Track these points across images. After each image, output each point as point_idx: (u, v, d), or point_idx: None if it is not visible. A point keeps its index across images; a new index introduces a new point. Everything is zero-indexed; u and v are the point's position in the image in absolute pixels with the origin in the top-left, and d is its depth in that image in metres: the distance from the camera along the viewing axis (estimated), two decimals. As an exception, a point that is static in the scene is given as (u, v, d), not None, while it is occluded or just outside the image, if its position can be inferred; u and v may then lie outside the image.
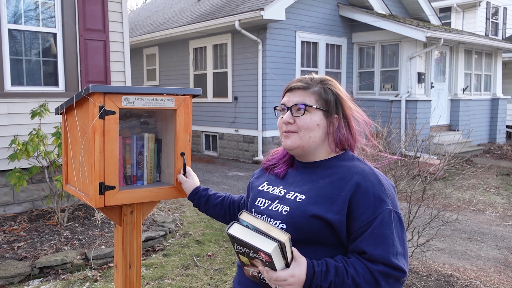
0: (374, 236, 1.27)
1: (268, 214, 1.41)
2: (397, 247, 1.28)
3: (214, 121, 10.93)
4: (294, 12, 9.77)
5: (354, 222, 1.29)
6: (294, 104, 1.41)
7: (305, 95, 1.42)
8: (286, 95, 1.46)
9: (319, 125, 1.40)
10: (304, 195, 1.37)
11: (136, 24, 14.59)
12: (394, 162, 4.05)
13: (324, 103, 1.42)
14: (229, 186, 7.57)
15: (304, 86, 1.43)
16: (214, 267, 4.04)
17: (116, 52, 5.96)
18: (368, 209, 1.29)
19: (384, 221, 1.28)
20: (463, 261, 4.39)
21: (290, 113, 1.42)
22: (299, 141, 1.41)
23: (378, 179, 1.34)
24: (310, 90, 1.42)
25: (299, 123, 1.40)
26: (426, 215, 4.17)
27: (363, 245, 1.28)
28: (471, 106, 12.19)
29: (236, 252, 1.32)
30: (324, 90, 1.43)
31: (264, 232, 1.22)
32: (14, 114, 5.19)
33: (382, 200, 1.30)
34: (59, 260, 3.84)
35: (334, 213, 1.30)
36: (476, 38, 11.55)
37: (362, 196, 1.30)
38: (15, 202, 5.30)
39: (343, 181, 1.34)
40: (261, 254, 1.21)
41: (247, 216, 1.29)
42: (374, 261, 1.26)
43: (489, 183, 8.18)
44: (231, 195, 1.81)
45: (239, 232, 1.25)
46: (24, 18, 5.39)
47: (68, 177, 2.02)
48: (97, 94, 1.63)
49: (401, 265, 1.27)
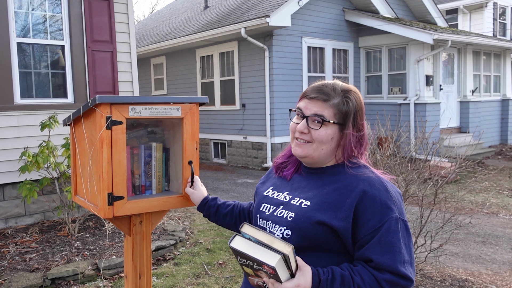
0: (381, 244, 1.25)
1: (273, 220, 1.40)
2: (404, 255, 1.27)
3: (222, 129, 10.94)
4: (300, 18, 9.79)
5: (360, 230, 1.28)
6: (311, 115, 1.37)
7: (324, 107, 1.36)
8: (304, 101, 1.41)
9: (333, 139, 1.38)
10: (310, 201, 1.35)
11: (143, 35, 14.71)
12: (404, 166, 4.01)
13: (341, 117, 1.37)
14: (238, 193, 7.56)
15: (324, 98, 1.37)
16: (225, 275, 4.02)
17: (123, 62, 6.00)
18: (374, 216, 1.27)
19: (391, 229, 1.26)
20: (478, 265, 4.32)
21: (306, 123, 1.38)
22: (311, 151, 1.39)
23: (384, 186, 1.32)
24: (330, 103, 1.36)
25: (314, 135, 1.37)
26: (439, 219, 4.12)
27: (369, 253, 1.26)
28: (481, 107, 12.07)
29: (240, 264, 1.31)
30: (344, 103, 1.37)
31: (266, 245, 1.20)
32: (24, 126, 5.24)
33: (388, 208, 1.28)
34: (70, 271, 3.84)
35: (340, 220, 1.28)
36: (483, 39, 11.47)
37: (369, 203, 1.28)
38: (26, 213, 5.33)
39: (349, 188, 1.32)
40: (265, 267, 1.19)
41: (248, 229, 1.27)
42: (380, 270, 1.25)
43: (501, 185, 8.07)
44: (240, 203, 1.79)
45: (242, 246, 1.23)
46: (32, 31, 5.46)
47: (77, 188, 2.02)
48: (104, 105, 1.64)
49: (408, 273, 1.26)
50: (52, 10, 5.57)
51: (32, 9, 5.43)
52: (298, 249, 1.29)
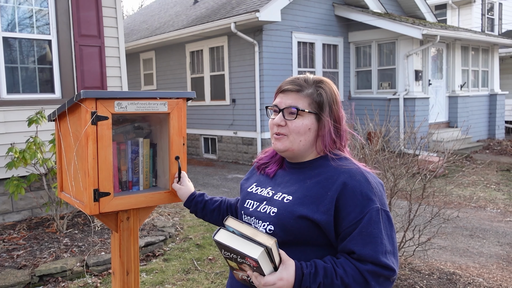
0: (362, 235, 1.26)
1: (257, 216, 1.40)
2: (386, 246, 1.27)
3: (212, 124, 10.91)
4: (290, 13, 9.76)
5: (342, 222, 1.28)
6: (286, 107, 1.39)
7: (298, 98, 1.38)
8: (279, 96, 1.43)
9: (310, 129, 1.38)
10: (292, 196, 1.36)
11: (132, 29, 14.58)
12: (393, 161, 4.03)
13: (316, 107, 1.38)
14: (228, 188, 7.55)
15: (297, 89, 1.39)
16: (214, 270, 4.01)
17: (111, 57, 5.94)
18: (355, 208, 1.28)
19: (372, 220, 1.27)
20: (465, 259, 4.37)
21: (282, 116, 1.39)
22: (290, 144, 1.40)
23: (365, 177, 1.33)
24: (304, 93, 1.38)
25: (291, 126, 1.38)
26: (427, 213, 4.15)
27: (351, 245, 1.27)
28: (469, 102, 12.17)
29: (225, 257, 1.31)
30: (318, 93, 1.39)
31: (250, 238, 1.21)
32: (11, 122, 5.17)
33: (369, 199, 1.29)
34: (58, 267, 3.81)
35: (321, 213, 1.29)
36: (472, 34, 11.55)
37: (349, 195, 1.29)
38: (14, 210, 5.28)
39: (329, 180, 1.33)
40: (248, 259, 1.20)
41: (232, 222, 1.28)
42: (363, 261, 1.25)
43: (489, 179, 8.16)
44: (227, 199, 1.79)
45: (226, 238, 1.24)
46: (18, 25, 5.37)
47: (63, 184, 2.00)
48: (89, 100, 1.61)
49: (390, 263, 1.26)
50: (39, 4, 5.48)
51: (18, 3, 5.35)
52: (282, 244, 1.29)
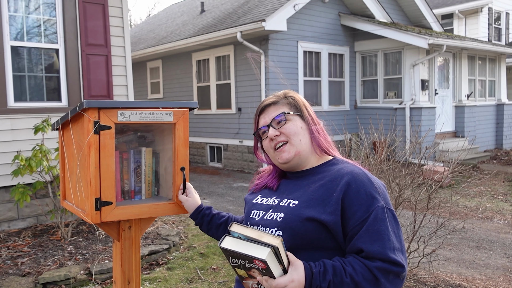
0: (370, 232, 1.27)
1: (264, 224, 1.41)
2: (394, 242, 1.28)
3: (218, 133, 10.93)
4: (296, 22, 9.80)
5: (349, 222, 1.30)
6: (273, 119, 1.48)
7: (277, 108, 1.49)
8: (261, 117, 1.53)
9: (302, 128, 1.47)
10: (297, 200, 1.38)
11: (140, 38, 14.70)
12: (398, 171, 4.00)
13: (296, 109, 1.49)
14: (234, 197, 7.54)
15: (274, 101, 1.51)
16: (218, 280, 4.00)
17: (118, 66, 5.99)
18: (361, 207, 1.30)
19: (378, 217, 1.29)
20: (472, 270, 4.32)
21: (273, 128, 1.47)
22: (293, 148, 1.45)
23: (368, 178, 1.36)
24: (280, 103, 1.50)
25: (286, 131, 1.45)
26: (432, 223, 4.12)
27: (359, 243, 1.28)
28: (476, 112, 12.11)
29: (233, 266, 1.30)
30: (290, 99, 1.51)
31: (256, 240, 1.21)
32: (18, 130, 5.21)
33: (374, 198, 1.31)
34: (62, 275, 3.81)
35: (328, 214, 1.30)
36: (479, 44, 11.52)
37: (354, 195, 1.31)
38: (19, 217, 5.30)
39: (334, 182, 1.36)
40: (256, 262, 1.19)
41: (237, 227, 1.28)
42: (371, 258, 1.26)
43: (496, 189, 8.08)
44: (234, 216, 1.81)
45: (232, 244, 1.24)
46: (26, 35, 5.44)
47: (65, 193, 2.01)
48: (91, 110, 1.62)
49: (399, 259, 1.27)
50: (47, 13, 5.55)
51: (27, 13, 5.42)
52: (289, 249, 1.30)
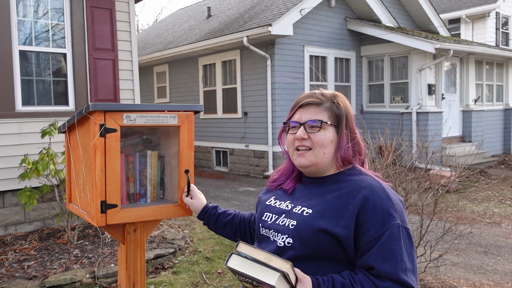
0: (382, 251, 1.24)
1: (275, 228, 1.39)
2: (406, 263, 1.25)
3: (224, 137, 10.94)
4: (302, 27, 9.82)
5: (362, 237, 1.27)
6: (308, 121, 1.40)
7: (318, 111, 1.41)
8: (298, 111, 1.44)
9: (332, 141, 1.40)
10: (311, 209, 1.35)
11: (147, 43, 14.79)
12: (404, 175, 3.98)
13: (336, 119, 1.41)
14: (239, 201, 7.54)
15: (317, 102, 1.42)
16: (223, 284, 3.99)
17: (125, 70, 6.02)
18: (376, 223, 1.26)
19: (392, 236, 1.25)
20: (479, 276, 4.28)
21: (304, 129, 1.40)
22: (314, 158, 1.40)
23: (386, 193, 1.32)
24: (323, 106, 1.42)
25: (314, 139, 1.39)
26: (439, 228, 4.08)
27: (370, 260, 1.24)
28: (484, 116, 12.04)
29: (239, 280, 1.29)
30: (335, 106, 1.42)
31: (264, 263, 1.19)
32: (25, 133, 5.25)
33: (390, 215, 1.27)
34: (68, 279, 3.82)
35: (342, 227, 1.27)
36: (486, 49, 11.46)
37: (370, 210, 1.27)
38: (26, 221, 5.33)
39: (350, 195, 1.32)
40: (265, 285, 1.17)
41: (244, 247, 1.25)
42: (382, 277, 1.23)
43: (504, 194, 8.01)
44: (241, 213, 1.78)
45: (239, 265, 1.22)
46: (35, 39, 5.49)
47: (71, 196, 2.02)
48: (97, 112, 1.63)
49: (410, 281, 1.23)
50: (55, 18, 5.61)
51: (35, 18, 5.47)
52: (299, 258, 1.28)
